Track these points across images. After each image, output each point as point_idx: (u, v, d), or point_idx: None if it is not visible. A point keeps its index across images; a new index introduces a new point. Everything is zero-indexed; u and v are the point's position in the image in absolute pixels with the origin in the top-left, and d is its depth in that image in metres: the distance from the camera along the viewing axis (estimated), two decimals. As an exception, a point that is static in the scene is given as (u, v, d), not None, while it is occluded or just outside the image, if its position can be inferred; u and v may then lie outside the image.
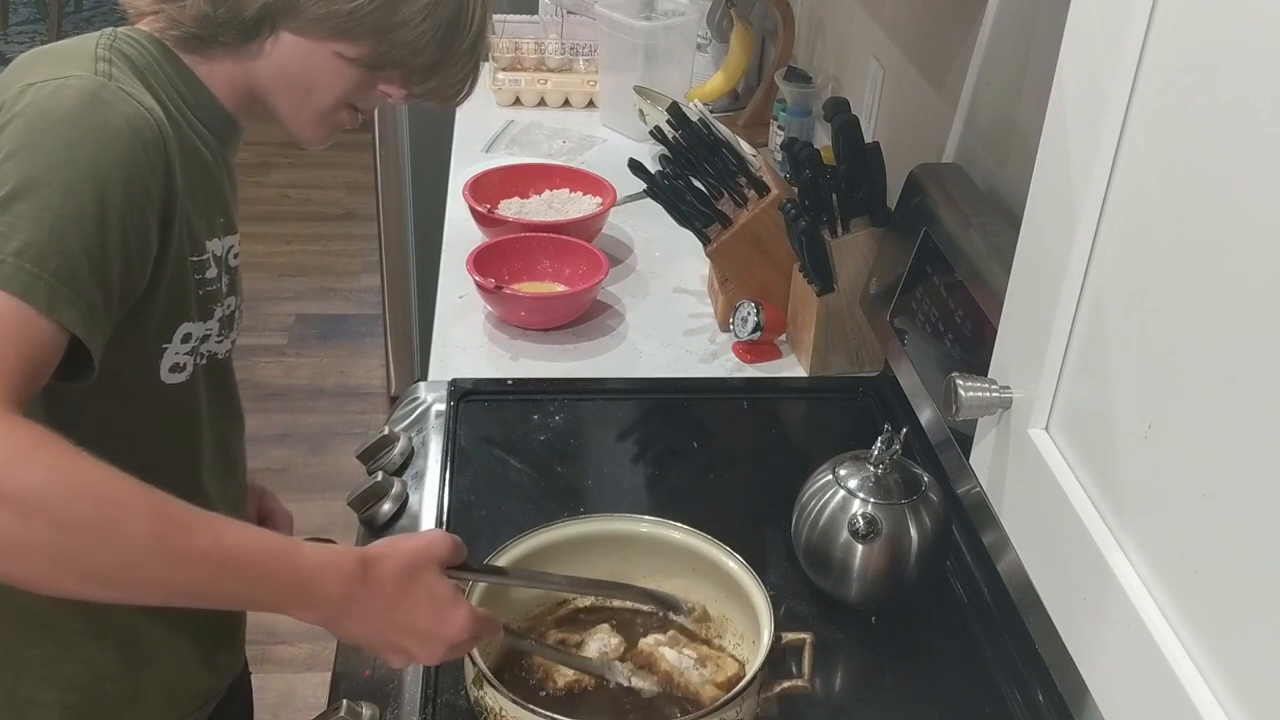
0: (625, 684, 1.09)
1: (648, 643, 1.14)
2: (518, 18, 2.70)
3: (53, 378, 0.88)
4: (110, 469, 0.82)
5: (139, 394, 1.04)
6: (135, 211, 0.92)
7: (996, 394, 0.78)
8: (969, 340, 1.23)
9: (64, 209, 0.87)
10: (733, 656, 1.15)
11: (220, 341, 1.12)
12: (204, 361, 1.10)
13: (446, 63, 1.10)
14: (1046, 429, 0.74)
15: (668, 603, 1.15)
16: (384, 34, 1.04)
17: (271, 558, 0.89)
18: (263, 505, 1.34)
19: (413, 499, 1.38)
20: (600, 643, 1.14)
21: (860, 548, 1.20)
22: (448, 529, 1.33)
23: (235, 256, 1.13)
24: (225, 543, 0.86)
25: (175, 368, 1.05)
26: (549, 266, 1.83)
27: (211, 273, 1.07)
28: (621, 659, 1.12)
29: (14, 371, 0.83)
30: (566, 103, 2.58)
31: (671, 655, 1.12)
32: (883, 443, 1.23)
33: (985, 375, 0.81)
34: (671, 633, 1.16)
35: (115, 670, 1.12)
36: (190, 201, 1.02)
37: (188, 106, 1.04)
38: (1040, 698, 1.14)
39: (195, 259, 1.04)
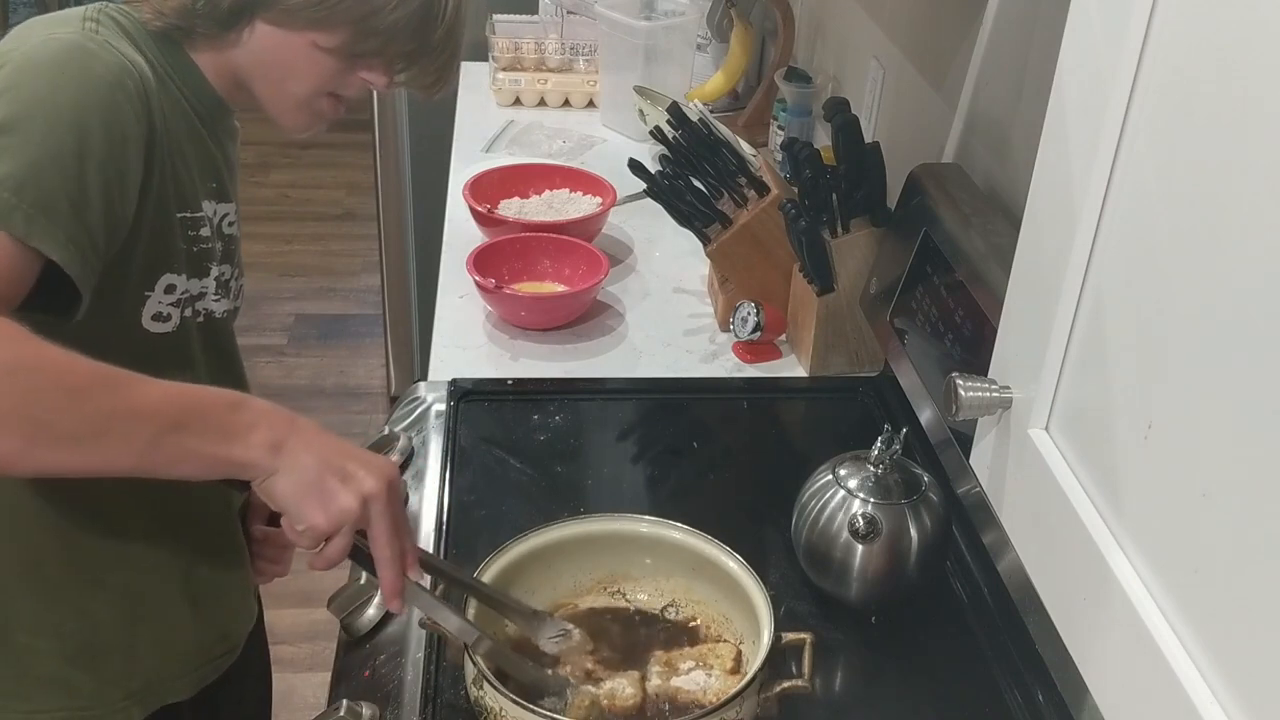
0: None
1: (654, 684, 1.11)
2: (518, 18, 2.70)
3: (40, 310, 0.91)
4: (64, 350, 0.86)
5: (121, 340, 1.05)
6: (116, 157, 0.96)
7: (996, 394, 0.78)
8: (969, 340, 1.23)
9: (45, 146, 0.91)
10: (720, 640, 1.15)
11: (218, 301, 1.15)
12: (200, 319, 1.13)
13: (423, 51, 1.13)
14: (1046, 429, 0.74)
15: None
16: (359, 23, 1.07)
17: (209, 391, 0.95)
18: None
19: (413, 499, 1.38)
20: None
21: (860, 548, 1.21)
22: (447, 529, 1.33)
23: (230, 224, 1.16)
24: (168, 385, 0.91)
25: (159, 316, 1.08)
26: (549, 266, 1.83)
27: (205, 231, 1.10)
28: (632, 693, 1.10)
29: None
30: (566, 103, 2.58)
31: (686, 682, 1.11)
32: (883, 443, 1.23)
33: (985, 375, 0.81)
34: (664, 657, 1.14)
35: (110, 621, 1.13)
36: (177, 156, 1.06)
37: (175, 77, 1.08)
38: (1040, 698, 1.14)
39: (187, 215, 1.08)
